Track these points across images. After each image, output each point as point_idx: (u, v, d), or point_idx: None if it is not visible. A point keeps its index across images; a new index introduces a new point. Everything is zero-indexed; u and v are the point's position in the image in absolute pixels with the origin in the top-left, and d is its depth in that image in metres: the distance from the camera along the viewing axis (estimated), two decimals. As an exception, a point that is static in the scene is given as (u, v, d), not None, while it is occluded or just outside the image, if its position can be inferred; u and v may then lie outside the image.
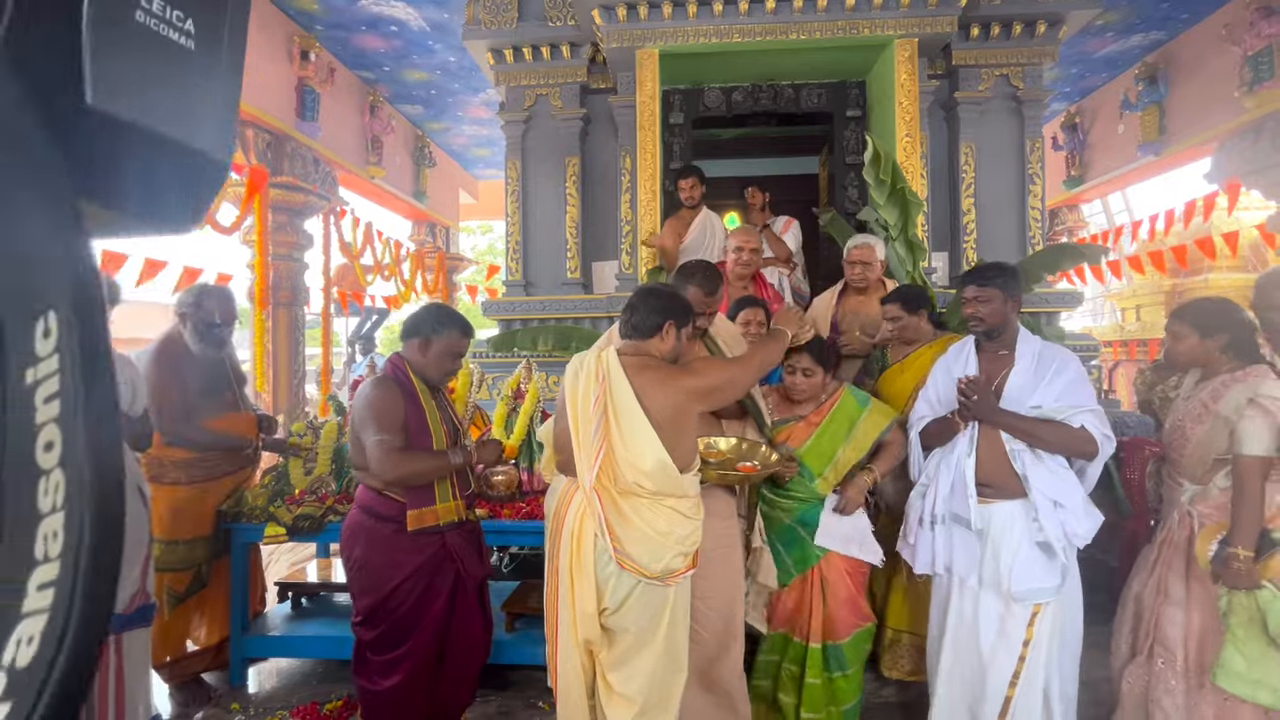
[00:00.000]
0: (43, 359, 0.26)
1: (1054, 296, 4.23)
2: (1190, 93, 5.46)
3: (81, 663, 0.26)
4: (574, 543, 1.75)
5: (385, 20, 5.20)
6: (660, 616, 1.77)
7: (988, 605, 2.00)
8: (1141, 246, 7.20)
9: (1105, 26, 5.29)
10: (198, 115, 0.35)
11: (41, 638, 0.25)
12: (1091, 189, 7.21)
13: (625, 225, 4.32)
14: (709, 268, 2.14)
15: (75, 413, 0.27)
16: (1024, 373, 2.03)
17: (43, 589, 0.26)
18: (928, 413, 2.20)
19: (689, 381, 1.80)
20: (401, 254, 7.56)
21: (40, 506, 0.26)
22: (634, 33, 3.83)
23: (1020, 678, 1.95)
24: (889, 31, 3.73)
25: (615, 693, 1.78)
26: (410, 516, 2.02)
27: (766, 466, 2.07)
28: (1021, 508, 1.97)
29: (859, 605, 2.24)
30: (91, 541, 0.27)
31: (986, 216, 4.29)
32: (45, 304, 0.26)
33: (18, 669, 0.25)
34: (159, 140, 0.33)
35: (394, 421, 2.01)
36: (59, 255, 0.27)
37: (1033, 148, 4.29)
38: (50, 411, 0.26)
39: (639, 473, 1.73)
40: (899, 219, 3.12)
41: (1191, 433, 1.99)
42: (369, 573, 2.04)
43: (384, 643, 2.05)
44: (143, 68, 0.32)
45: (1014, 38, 4.16)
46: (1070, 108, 7.02)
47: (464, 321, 2.19)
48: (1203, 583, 1.97)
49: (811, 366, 2.22)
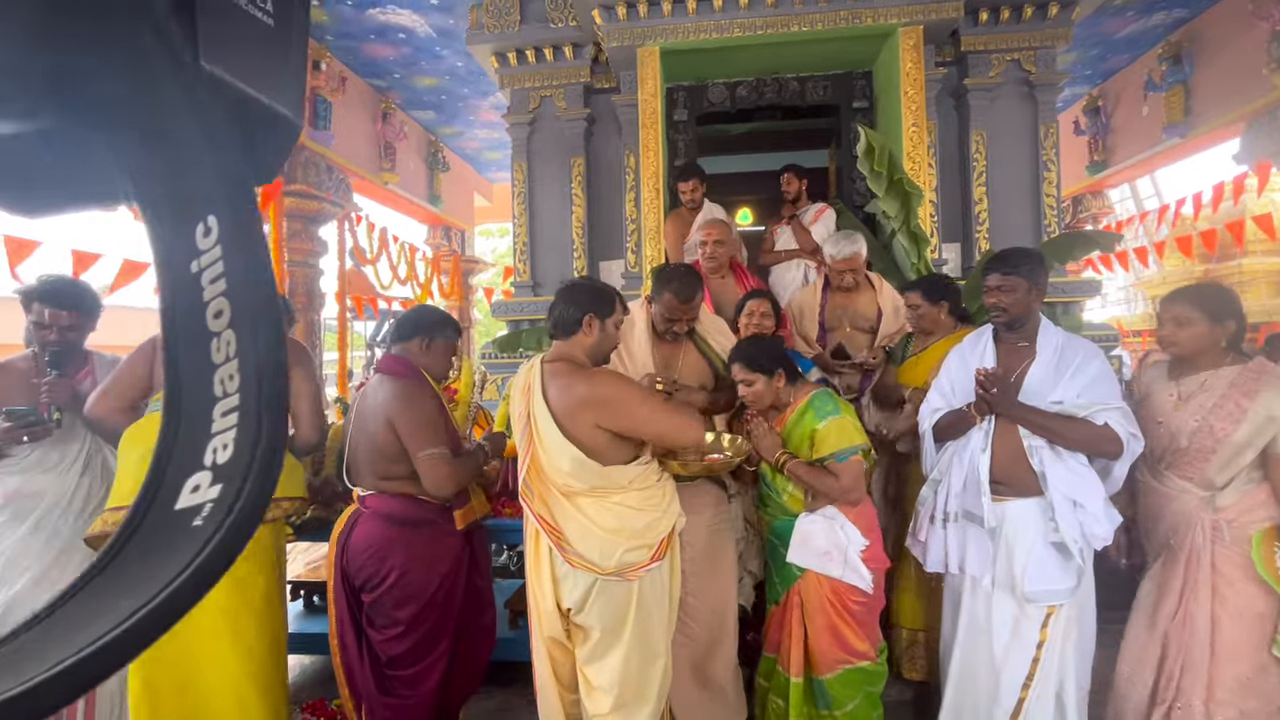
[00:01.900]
0: (205, 251, 0.34)
1: (1071, 286, 4.12)
2: (1216, 71, 5.26)
3: (271, 456, 0.35)
4: (534, 542, 1.78)
5: (393, 28, 5.28)
6: (625, 612, 1.77)
7: (1001, 606, 1.94)
8: (1172, 231, 6.98)
9: (1125, 6, 5.12)
10: (279, 81, 0.42)
11: (235, 444, 0.35)
12: (1116, 174, 6.99)
13: (630, 224, 4.32)
14: (686, 273, 2.13)
15: (237, 286, 0.35)
16: (1045, 366, 1.94)
17: (226, 414, 0.35)
18: (941, 404, 2.11)
19: (581, 388, 1.76)
20: (417, 258, 7.67)
21: (214, 359, 0.35)
22: (634, 31, 3.83)
23: (1034, 680, 1.89)
24: (892, 19, 3.67)
25: (592, 686, 1.80)
26: (457, 515, 2.05)
27: (738, 453, 2.02)
28: (1037, 506, 1.90)
29: (844, 638, 1.98)
30: (268, 372, 0.36)
31: (999, 205, 4.20)
32: (206, 210, 0.34)
33: (218, 465, 0.34)
34: (252, 101, 0.39)
35: (441, 430, 1.99)
36: (216, 171, 0.35)
37: (1047, 133, 4.18)
38: (217, 288, 0.35)
39: (562, 474, 1.75)
40: (900, 210, 3.07)
41: (1224, 433, 1.82)
42: (411, 580, 1.99)
43: (419, 649, 2.02)
44: (238, 39, 0.38)
45: (1025, 21, 4.05)
46: (1092, 91, 6.82)
47: (455, 321, 2.29)
48: (1243, 613, 1.80)
49: (746, 376, 2.02)
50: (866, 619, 2.01)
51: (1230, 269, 6.64)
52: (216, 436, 0.35)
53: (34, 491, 2.12)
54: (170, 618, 0.31)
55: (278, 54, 0.42)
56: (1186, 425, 1.89)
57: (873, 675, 2.02)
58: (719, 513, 2.11)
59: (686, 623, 1.94)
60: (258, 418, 0.35)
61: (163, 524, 0.33)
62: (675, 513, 1.84)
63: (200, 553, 0.32)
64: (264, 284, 0.36)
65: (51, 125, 0.33)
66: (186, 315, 0.34)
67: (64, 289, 2.24)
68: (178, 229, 0.34)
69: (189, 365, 0.35)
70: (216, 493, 0.34)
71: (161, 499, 0.34)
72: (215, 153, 0.34)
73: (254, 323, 0.35)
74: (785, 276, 3.80)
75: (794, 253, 3.76)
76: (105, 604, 0.31)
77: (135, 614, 0.30)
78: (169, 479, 0.34)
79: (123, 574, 0.32)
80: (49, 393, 2.13)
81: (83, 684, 0.29)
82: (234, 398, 0.35)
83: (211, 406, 0.35)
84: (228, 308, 0.35)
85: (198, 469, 0.34)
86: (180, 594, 0.31)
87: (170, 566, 0.32)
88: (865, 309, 2.98)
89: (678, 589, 1.90)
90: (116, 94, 0.32)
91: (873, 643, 2.03)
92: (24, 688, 0.27)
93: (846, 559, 1.96)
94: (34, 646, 0.29)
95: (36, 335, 2.20)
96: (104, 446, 2.26)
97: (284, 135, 0.43)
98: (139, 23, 0.32)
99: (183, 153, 0.34)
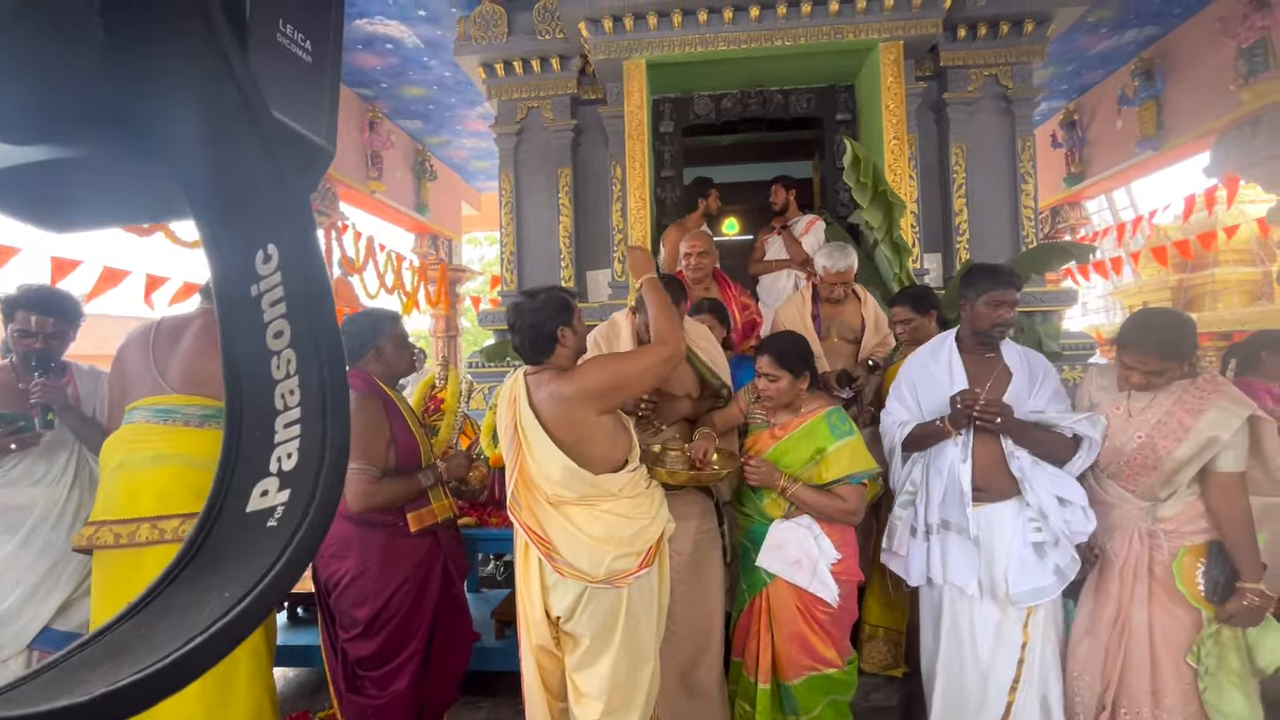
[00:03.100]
0: (265, 276, 0.36)
1: (1049, 295, 4.20)
2: (1187, 87, 5.41)
3: (337, 463, 0.38)
4: (523, 552, 1.79)
5: (380, 39, 5.29)
6: (615, 620, 1.78)
7: (984, 611, 1.97)
8: (1148, 241, 7.13)
9: (1098, 23, 5.26)
10: (316, 114, 0.44)
11: (299, 453, 0.37)
12: (1093, 185, 7.15)
13: (617, 234, 4.35)
14: (669, 282, 2.16)
15: (298, 308, 0.37)
16: (1023, 380, 1.99)
17: (289, 426, 0.37)
18: (904, 415, 2.13)
19: (569, 388, 1.77)
20: (404, 267, 7.64)
21: (275, 375, 0.37)
22: (620, 44, 3.88)
23: (1020, 682, 1.92)
24: (873, 35, 3.75)
25: (581, 693, 1.80)
26: (411, 518, 2.06)
27: (725, 466, 2.03)
28: (1012, 508, 1.94)
29: (810, 646, 1.97)
30: (330, 387, 0.38)
31: (979, 216, 4.28)
32: (267, 239, 0.37)
33: (285, 471, 0.37)
34: (291, 132, 0.42)
35: (376, 446, 2.02)
36: (279, 203, 0.37)
37: (1024, 146, 4.28)
38: (277, 311, 0.37)
39: (552, 483, 1.76)
40: (883, 221, 3.12)
41: (1166, 450, 1.83)
42: (367, 580, 2.04)
43: (384, 652, 2.06)
44: (281, 75, 0.41)
45: (1001, 37, 4.15)
46: (1068, 105, 6.98)
47: (388, 311, 2.29)
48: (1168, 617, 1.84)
49: (773, 371, 2.01)
50: (834, 629, 2.00)
51: (1204, 278, 6.80)
52: (280, 446, 0.37)
53: (22, 504, 2.10)
54: (265, 609, 0.34)
55: (315, 88, 0.44)
56: (1131, 440, 1.88)
57: (839, 683, 2.00)
58: (706, 521, 2.13)
59: (673, 630, 1.95)
60: (321, 429, 0.38)
61: (237, 525, 0.36)
62: (664, 519, 1.86)
63: (286, 549, 0.35)
64: (323, 306, 0.38)
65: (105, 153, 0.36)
66: (246, 335, 0.37)
67: (48, 296, 2.23)
68: (238, 256, 0.37)
69: (250, 381, 0.37)
70: (286, 497, 0.37)
71: (231, 503, 0.37)
72: (278, 184, 0.37)
73: (314, 342, 0.38)
74: (776, 286, 3.86)
75: (784, 262, 3.82)
76: (198, 596, 0.33)
77: (240, 603, 0.33)
78: (236, 485, 0.37)
79: (209, 570, 0.35)
80: (42, 394, 2.11)
81: (198, 667, 0.31)
82: (295, 411, 0.37)
83: (274, 419, 0.37)
84: (288, 328, 0.37)
85: (264, 475, 0.37)
86: (276, 585, 0.34)
87: (256, 563, 0.34)
88: (851, 320, 3.03)
89: (666, 594, 1.91)
90: (184, 127, 0.35)
91: (840, 652, 2.01)
92: (141, 675, 0.29)
93: (815, 571, 1.96)
94: (128, 641, 0.32)
95: (19, 343, 2.18)
96: (90, 458, 2.24)
97: (319, 164, 0.46)
98: (211, 61, 0.34)
99: (247, 184, 0.36)
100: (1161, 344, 1.83)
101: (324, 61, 0.45)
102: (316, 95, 0.44)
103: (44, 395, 2.11)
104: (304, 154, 0.44)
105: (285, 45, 0.41)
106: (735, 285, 3.17)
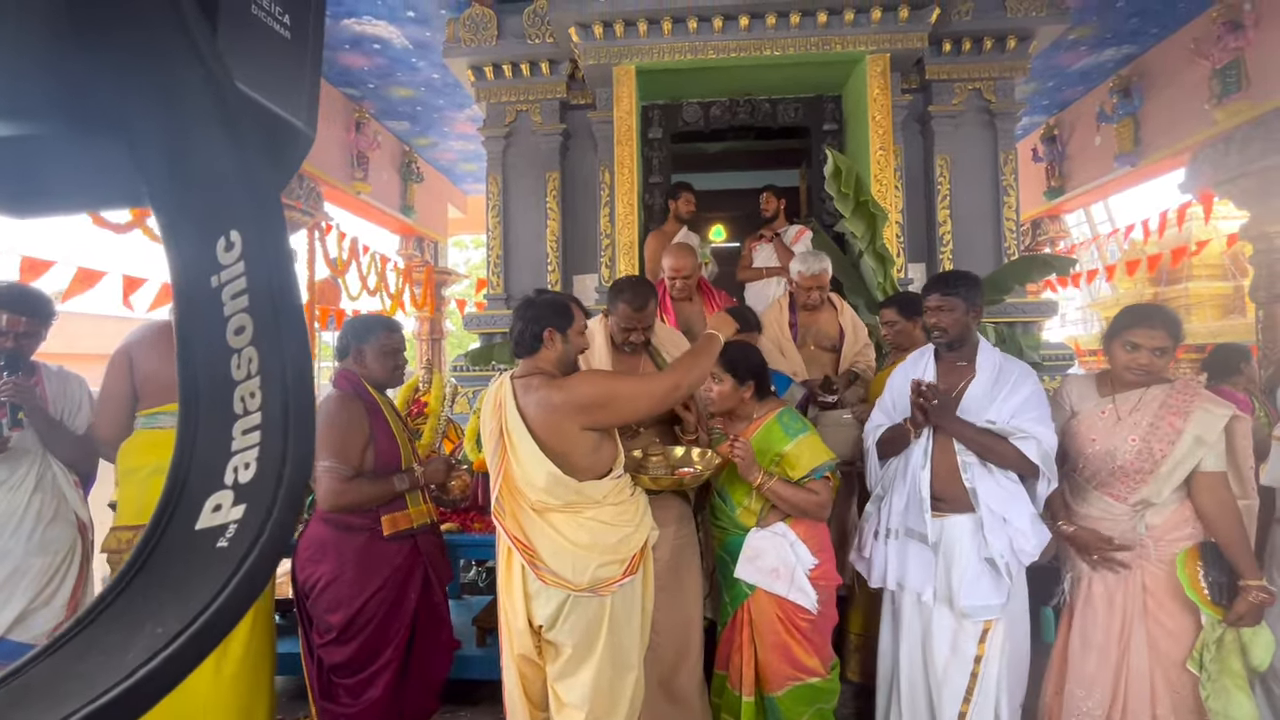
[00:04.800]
0: (226, 266, 0.33)
1: (1029, 306, 4.27)
2: (1163, 105, 5.55)
3: (297, 477, 0.34)
4: (506, 559, 1.77)
5: (368, 39, 5.25)
6: (597, 629, 1.77)
7: (941, 621, 1.97)
8: (1126, 254, 7.29)
9: (1078, 41, 5.38)
10: (295, 94, 0.41)
11: (257, 464, 0.33)
12: (1072, 199, 7.29)
13: (605, 239, 4.35)
14: (637, 283, 2.15)
15: (261, 303, 0.34)
16: (983, 385, 1.99)
17: (247, 433, 0.34)
18: (884, 420, 2.17)
19: (558, 396, 1.76)
20: (388, 269, 7.57)
21: (234, 375, 0.34)
22: (610, 50, 3.89)
23: (974, 694, 1.92)
24: (861, 47, 3.80)
25: (563, 703, 1.78)
26: (385, 521, 2.03)
27: (707, 467, 2.02)
28: (972, 522, 1.94)
29: (793, 655, 1.97)
30: (294, 391, 0.34)
31: (962, 228, 4.34)
32: (229, 224, 0.33)
33: (241, 484, 0.33)
34: (267, 113, 0.39)
35: (352, 446, 2.00)
36: (242, 186, 0.34)
37: (1006, 160, 4.35)
38: (239, 304, 0.33)
39: (537, 489, 1.75)
40: (866, 231, 3.16)
41: (1162, 454, 1.84)
42: (342, 585, 2.01)
43: (359, 659, 2.03)
44: (256, 51, 0.38)
45: (985, 52, 4.23)
46: (1049, 120, 7.12)
47: (387, 320, 2.27)
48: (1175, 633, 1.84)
49: (717, 372, 1.99)
50: (815, 636, 2.00)
51: (1178, 292, 6.96)
52: (237, 455, 0.34)
53: None
54: (210, 642, 0.30)
55: (294, 66, 0.41)
56: (1126, 443, 1.88)
57: (823, 691, 2.00)
58: (684, 526, 2.12)
59: (652, 637, 1.94)
60: (282, 438, 0.34)
61: (184, 544, 0.32)
62: (648, 527, 1.85)
63: (234, 576, 0.31)
64: (289, 301, 0.35)
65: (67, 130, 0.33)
66: (204, 330, 0.34)
67: (20, 294, 2.19)
68: (198, 243, 0.33)
69: (206, 381, 0.34)
70: (240, 513, 0.33)
71: (180, 518, 0.33)
72: (242, 166, 0.33)
73: (278, 340, 0.34)
74: (765, 293, 3.88)
75: (773, 270, 3.84)
76: (134, 629, 0.30)
77: (176, 639, 0.29)
78: (186, 498, 0.33)
79: (148, 597, 0.31)
80: (13, 393, 2.06)
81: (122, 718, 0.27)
82: (255, 416, 0.34)
83: (231, 424, 0.34)
84: (250, 324, 0.34)
85: (218, 488, 0.33)
86: (220, 617, 0.30)
87: (201, 590, 0.31)
88: (828, 328, 3.05)
89: (650, 602, 1.90)
90: (143, 104, 0.32)
91: (823, 659, 2.01)
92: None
93: (794, 578, 1.95)
94: (48, 680, 0.28)
95: None
96: (54, 463, 2.18)
97: (298, 148, 0.43)
98: (171, 34, 0.32)
99: (208, 166, 0.33)
100: (1167, 321, 1.88)
101: (304, 39, 0.42)
102: (295, 74, 0.41)
103: (14, 395, 2.05)
104: (280, 137, 0.41)
105: (261, 18, 0.39)
106: (720, 294, 3.18)
